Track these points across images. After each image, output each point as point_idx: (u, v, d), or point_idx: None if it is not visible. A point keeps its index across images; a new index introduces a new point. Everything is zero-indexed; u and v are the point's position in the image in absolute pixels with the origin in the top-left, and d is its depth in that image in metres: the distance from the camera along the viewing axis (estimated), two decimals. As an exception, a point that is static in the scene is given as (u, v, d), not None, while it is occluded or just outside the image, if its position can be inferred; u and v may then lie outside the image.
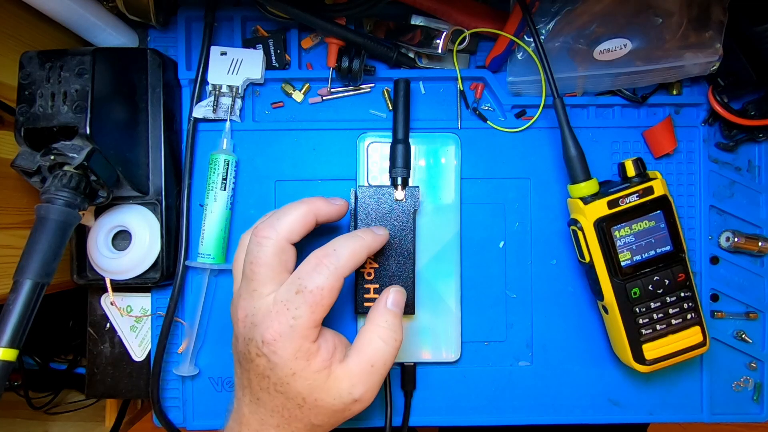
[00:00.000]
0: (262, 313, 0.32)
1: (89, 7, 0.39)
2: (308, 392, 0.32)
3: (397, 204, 0.40)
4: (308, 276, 0.31)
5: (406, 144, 0.41)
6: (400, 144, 0.40)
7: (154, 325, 0.44)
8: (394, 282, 0.39)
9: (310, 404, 0.32)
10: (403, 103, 0.41)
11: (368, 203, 0.40)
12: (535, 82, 0.42)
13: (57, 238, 0.33)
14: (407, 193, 0.40)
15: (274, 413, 0.33)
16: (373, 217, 0.40)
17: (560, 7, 0.39)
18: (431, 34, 0.41)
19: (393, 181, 0.40)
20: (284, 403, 0.32)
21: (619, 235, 0.38)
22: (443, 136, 0.43)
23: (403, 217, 0.40)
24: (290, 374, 0.31)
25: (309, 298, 0.31)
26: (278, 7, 0.39)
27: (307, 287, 0.31)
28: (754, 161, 0.45)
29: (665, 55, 0.39)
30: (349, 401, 0.32)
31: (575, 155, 0.39)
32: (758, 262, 0.44)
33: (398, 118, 0.41)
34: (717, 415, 0.44)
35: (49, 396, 0.61)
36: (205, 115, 0.43)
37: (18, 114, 0.35)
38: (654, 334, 0.39)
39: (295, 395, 0.32)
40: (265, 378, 0.32)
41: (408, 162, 0.41)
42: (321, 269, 0.31)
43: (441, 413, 0.44)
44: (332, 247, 0.33)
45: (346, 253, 0.32)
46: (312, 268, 0.32)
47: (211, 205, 0.41)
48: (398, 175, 0.40)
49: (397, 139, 0.41)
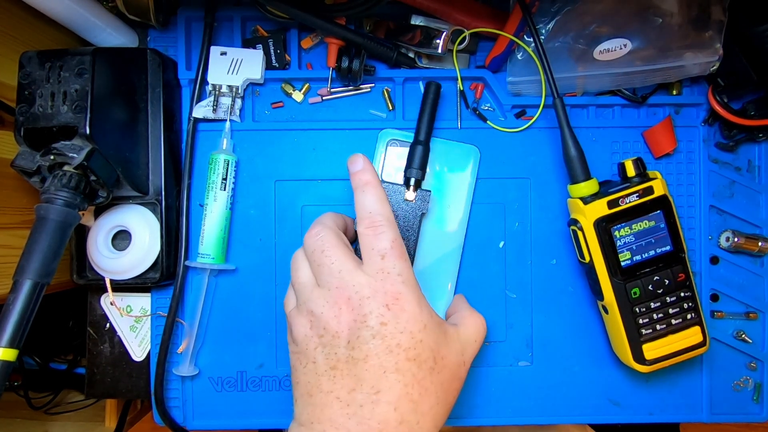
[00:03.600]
0: (365, 285, 0.31)
1: (89, 7, 0.39)
2: (437, 348, 0.32)
3: (406, 204, 0.39)
4: (377, 241, 0.33)
5: (426, 147, 0.40)
6: (420, 146, 0.40)
7: (153, 325, 0.44)
8: None
9: (438, 365, 0.32)
10: (430, 106, 0.41)
11: None
12: (535, 82, 0.42)
13: (57, 238, 0.33)
14: (418, 196, 0.39)
15: (401, 400, 0.30)
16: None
17: (560, 7, 0.39)
18: (431, 34, 0.41)
19: (406, 181, 0.40)
20: (415, 374, 0.30)
21: (619, 235, 0.38)
22: (465, 147, 0.43)
23: (410, 218, 0.39)
24: (422, 327, 0.31)
25: (395, 253, 0.32)
26: (278, 7, 0.39)
27: (386, 247, 0.32)
28: (754, 161, 0.45)
29: (665, 55, 0.39)
30: (461, 362, 0.33)
31: (575, 155, 0.39)
32: (758, 262, 0.44)
33: (423, 119, 0.41)
34: (717, 415, 0.44)
35: (49, 396, 0.61)
36: (205, 115, 0.43)
37: (18, 114, 0.35)
38: (654, 334, 0.39)
39: (427, 356, 0.31)
40: (392, 351, 0.30)
41: (424, 165, 0.40)
42: (379, 230, 0.33)
43: (441, 413, 0.44)
44: (366, 212, 0.34)
45: (378, 205, 0.34)
46: (373, 235, 0.33)
47: (211, 205, 0.41)
48: (412, 175, 0.40)
49: (417, 140, 0.41)
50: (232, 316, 0.44)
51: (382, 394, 0.30)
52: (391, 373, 0.30)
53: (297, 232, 0.44)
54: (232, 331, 0.43)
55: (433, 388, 0.31)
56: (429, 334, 0.31)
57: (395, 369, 0.30)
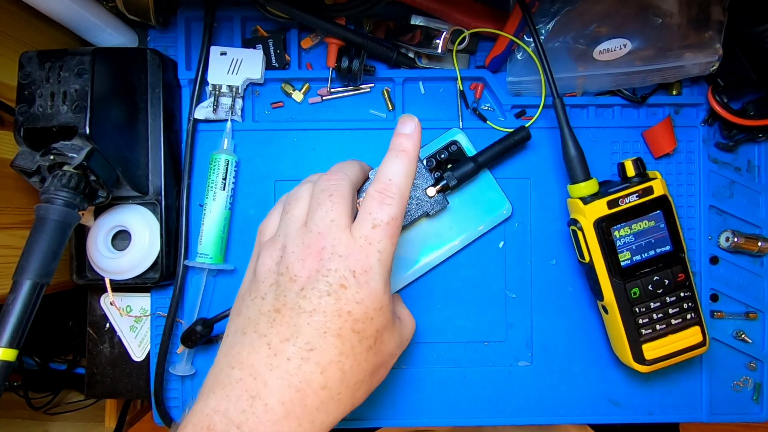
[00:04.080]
0: (345, 245, 0.30)
1: (89, 7, 0.39)
2: (382, 331, 0.31)
3: (422, 194, 0.39)
4: (378, 209, 0.31)
5: (477, 168, 0.40)
6: (473, 163, 0.40)
7: (153, 325, 0.44)
8: None
9: (377, 347, 0.31)
10: (508, 144, 0.41)
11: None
12: (535, 82, 0.42)
13: (56, 238, 0.33)
14: (437, 198, 0.39)
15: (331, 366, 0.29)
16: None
17: (560, 7, 0.39)
18: (431, 34, 0.41)
19: (438, 179, 0.39)
20: (354, 346, 0.29)
21: (618, 235, 0.38)
22: (502, 197, 0.43)
23: (414, 206, 0.39)
24: (378, 308, 0.30)
25: (388, 231, 0.31)
26: (278, 7, 0.39)
27: (383, 220, 0.31)
28: (754, 161, 0.45)
29: (665, 55, 0.39)
30: (394, 354, 0.33)
31: (575, 155, 0.39)
32: (758, 262, 0.44)
33: (495, 147, 0.41)
34: (717, 415, 0.44)
35: (48, 396, 0.61)
36: (207, 116, 0.43)
37: (18, 114, 0.35)
38: (654, 334, 0.39)
39: (370, 334, 0.30)
40: (341, 316, 0.29)
41: (463, 179, 0.40)
42: (387, 201, 0.31)
43: (441, 413, 0.44)
44: (386, 177, 0.32)
45: (401, 178, 0.32)
46: (378, 202, 0.31)
47: (211, 205, 0.41)
48: (447, 179, 0.39)
49: (476, 158, 0.41)
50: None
51: (314, 353, 0.28)
52: (331, 336, 0.29)
53: (297, 232, 0.44)
54: (232, 331, 0.43)
55: (365, 365, 0.30)
56: (381, 316, 0.31)
57: (337, 334, 0.29)
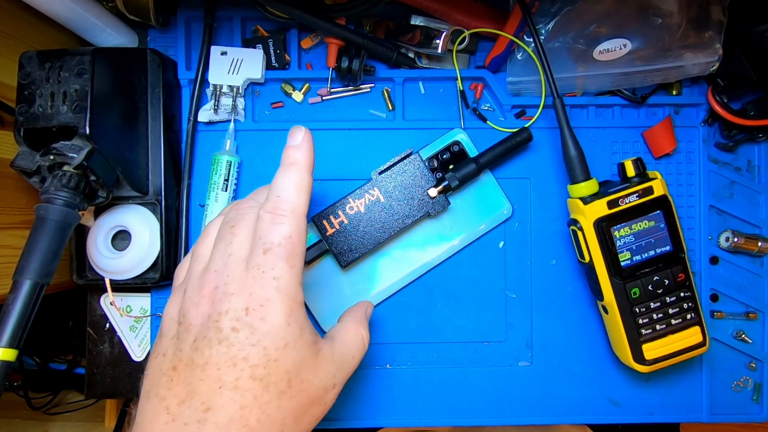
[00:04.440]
0: (237, 280, 0.27)
1: (89, 7, 0.39)
2: (296, 370, 0.27)
3: (424, 195, 0.39)
4: (268, 231, 0.28)
5: (479, 169, 0.40)
6: (475, 164, 0.40)
7: (153, 325, 0.44)
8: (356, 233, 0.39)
9: (293, 389, 0.27)
10: (510, 145, 0.41)
11: (408, 170, 0.39)
12: (535, 82, 0.42)
13: (56, 238, 0.33)
14: (438, 198, 0.39)
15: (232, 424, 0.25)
16: (400, 182, 0.39)
17: (560, 7, 0.39)
18: (431, 34, 0.41)
19: (440, 180, 0.40)
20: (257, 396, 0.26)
21: (618, 235, 0.38)
22: (503, 198, 0.43)
23: (416, 207, 0.39)
24: (282, 345, 0.27)
25: (282, 253, 0.27)
26: (278, 7, 0.39)
27: (274, 242, 0.27)
28: (754, 161, 0.45)
29: (665, 55, 0.39)
30: (330, 386, 0.29)
31: (575, 155, 0.39)
32: (758, 262, 0.44)
33: (496, 148, 0.41)
34: (717, 415, 0.44)
35: (48, 396, 0.61)
36: (210, 119, 0.43)
37: (17, 114, 0.35)
38: (654, 334, 0.39)
39: (279, 378, 0.26)
40: (236, 364, 0.26)
41: (465, 180, 0.40)
42: (278, 220, 0.28)
43: (441, 413, 0.44)
44: (275, 194, 0.29)
45: (293, 191, 0.29)
46: (269, 224, 0.28)
47: (212, 206, 0.41)
48: (449, 180, 0.40)
49: (477, 158, 0.41)
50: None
51: (211, 413, 0.25)
52: (227, 390, 0.25)
53: (297, 232, 0.44)
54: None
55: (279, 414, 0.26)
56: (289, 354, 0.27)
57: (234, 386, 0.25)
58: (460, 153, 0.43)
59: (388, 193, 0.39)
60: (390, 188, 0.39)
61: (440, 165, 0.43)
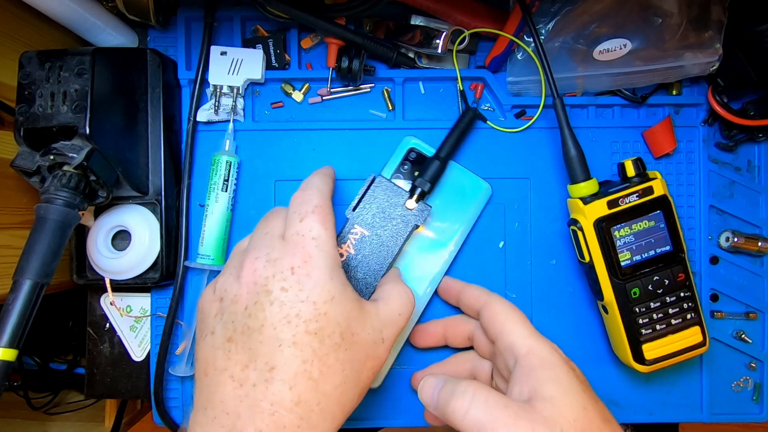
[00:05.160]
0: (278, 248, 0.29)
1: (89, 7, 0.39)
2: (346, 323, 0.28)
3: (403, 210, 0.39)
4: (301, 204, 0.31)
5: (443, 164, 0.40)
6: (438, 161, 0.40)
7: (153, 325, 0.44)
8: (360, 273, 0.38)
9: (347, 341, 0.28)
10: (462, 129, 0.41)
11: (379, 194, 0.39)
12: (535, 82, 0.42)
13: (56, 238, 0.33)
14: (418, 207, 0.39)
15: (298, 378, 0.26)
16: (376, 209, 0.39)
17: (560, 7, 0.39)
18: (431, 34, 0.41)
19: (412, 189, 0.39)
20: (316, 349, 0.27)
21: (618, 235, 0.38)
22: (479, 181, 0.43)
23: (401, 225, 0.38)
24: (328, 299, 0.28)
25: (316, 217, 0.30)
26: (278, 7, 0.39)
27: (307, 210, 0.30)
28: (754, 161, 0.45)
29: (665, 55, 0.39)
30: (379, 341, 0.30)
31: (575, 155, 0.39)
32: (758, 262, 0.44)
33: (450, 138, 0.41)
34: (717, 415, 0.44)
35: (48, 396, 0.61)
36: (210, 119, 0.43)
37: (17, 114, 0.35)
38: (654, 334, 0.39)
39: (332, 330, 0.27)
40: (291, 321, 0.27)
41: (435, 180, 0.40)
42: (307, 195, 0.31)
43: (441, 413, 0.44)
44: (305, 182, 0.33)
45: (316, 180, 0.33)
46: (300, 198, 0.31)
47: (212, 206, 0.41)
48: (420, 186, 0.39)
49: (437, 155, 0.40)
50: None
51: (276, 371, 0.26)
52: (287, 347, 0.26)
53: (297, 232, 0.44)
54: (232, 331, 0.43)
55: (338, 365, 0.27)
56: (336, 307, 0.28)
57: (292, 342, 0.26)
58: (419, 158, 0.42)
59: (369, 225, 0.38)
60: (369, 219, 0.38)
61: (405, 177, 0.42)
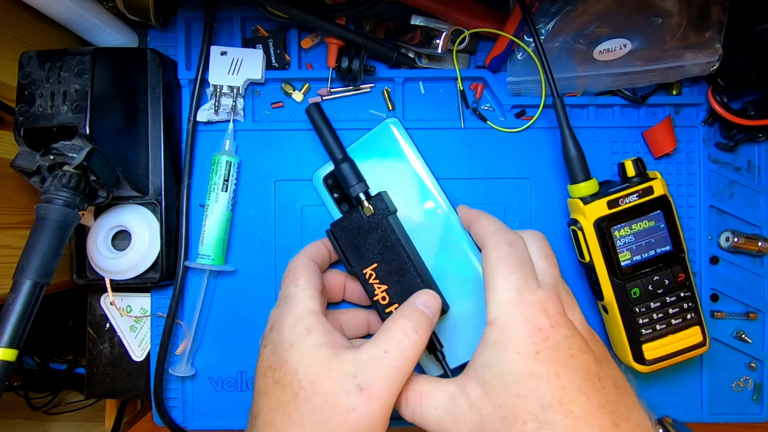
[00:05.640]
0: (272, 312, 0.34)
1: (89, 7, 0.39)
2: (305, 370, 0.27)
3: (372, 218, 0.37)
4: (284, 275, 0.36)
5: (349, 160, 0.39)
6: (344, 162, 0.39)
7: (153, 325, 0.44)
8: (408, 294, 0.36)
9: (306, 392, 0.27)
10: (324, 125, 0.40)
11: (347, 235, 0.38)
12: (535, 82, 0.42)
13: (57, 238, 0.33)
14: (375, 204, 0.38)
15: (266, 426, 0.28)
16: (360, 245, 0.37)
17: (560, 7, 0.39)
18: (431, 34, 0.41)
19: (356, 200, 0.38)
20: (278, 398, 0.28)
21: (618, 235, 0.38)
22: (380, 128, 0.42)
23: (383, 229, 0.37)
24: (289, 346, 0.29)
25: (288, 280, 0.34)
26: (278, 7, 0.39)
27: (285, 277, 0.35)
28: (754, 161, 0.45)
29: (665, 55, 0.39)
30: (353, 390, 0.27)
31: (575, 155, 0.39)
32: (758, 262, 0.44)
33: (327, 140, 0.40)
34: (717, 415, 0.44)
35: (48, 396, 0.61)
36: (209, 119, 0.43)
37: (18, 114, 0.35)
38: (654, 334, 0.39)
39: (290, 379, 0.27)
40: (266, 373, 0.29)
41: (360, 175, 0.39)
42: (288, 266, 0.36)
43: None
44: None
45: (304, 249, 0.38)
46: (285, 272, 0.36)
47: (212, 206, 0.41)
48: (357, 192, 0.38)
49: (337, 159, 0.39)
50: (232, 317, 0.43)
51: (257, 420, 0.29)
52: (261, 396, 0.29)
53: (297, 232, 0.44)
54: (232, 331, 0.43)
55: (296, 416, 0.27)
56: (295, 354, 0.28)
57: (264, 392, 0.29)
58: (333, 176, 0.42)
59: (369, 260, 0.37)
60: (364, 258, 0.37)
61: (341, 199, 0.42)
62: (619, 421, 0.25)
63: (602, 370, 0.28)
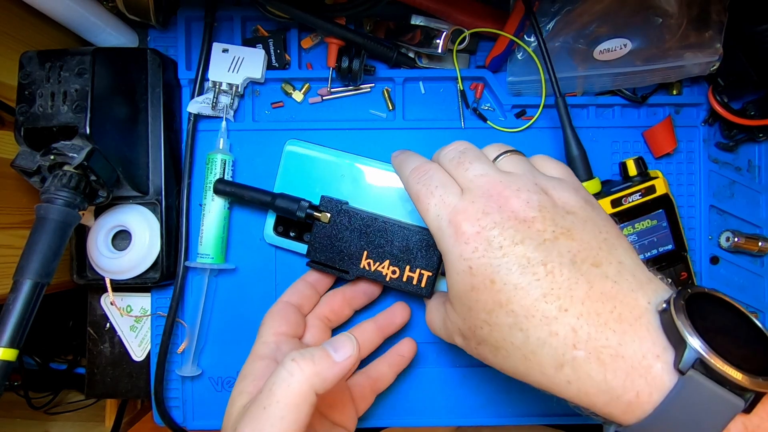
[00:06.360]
0: None
1: (89, 7, 0.39)
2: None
3: (333, 222, 0.38)
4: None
5: (278, 195, 0.39)
6: (276, 199, 0.39)
7: (153, 325, 0.44)
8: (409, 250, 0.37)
9: None
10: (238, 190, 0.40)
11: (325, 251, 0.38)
12: (535, 82, 0.42)
13: (57, 238, 0.33)
14: (326, 208, 0.38)
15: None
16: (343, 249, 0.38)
17: (560, 7, 0.39)
18: (431, 34, 0.41)
19: (309, 218, 0.38)
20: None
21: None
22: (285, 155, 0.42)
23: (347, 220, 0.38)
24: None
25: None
26: (278, 7, 0.39)
27: None
28: (754, 161, 0.45)
29: (665, 55, 0.39)
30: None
31: (577, 155, 0.39)
32: (758, 262, 0.44)
33: (250, 197, 0.40)
34: (717, 415, 0.44)
35: (48, 396, 0.61)
36: (200, 111, 0.42)
37: (18, 114, 0.35)
38: (654, 333, 0.39)
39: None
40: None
41: (295, 198, 0.39)
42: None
43: (441, 413, 0.43)
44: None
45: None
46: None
47: (209, 205, 0.41)
48: (304, 211, 0.38)
49: (268, 203, 0.40)
50: (232, 316, 0.43)
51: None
52: None
53: (297, 232, 0.44)
54: (233, 330, 0.43)
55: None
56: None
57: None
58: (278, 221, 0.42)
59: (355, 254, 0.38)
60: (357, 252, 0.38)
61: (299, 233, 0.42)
62: (569, 306, 0.24)
63: (550, 252, 0.25)
